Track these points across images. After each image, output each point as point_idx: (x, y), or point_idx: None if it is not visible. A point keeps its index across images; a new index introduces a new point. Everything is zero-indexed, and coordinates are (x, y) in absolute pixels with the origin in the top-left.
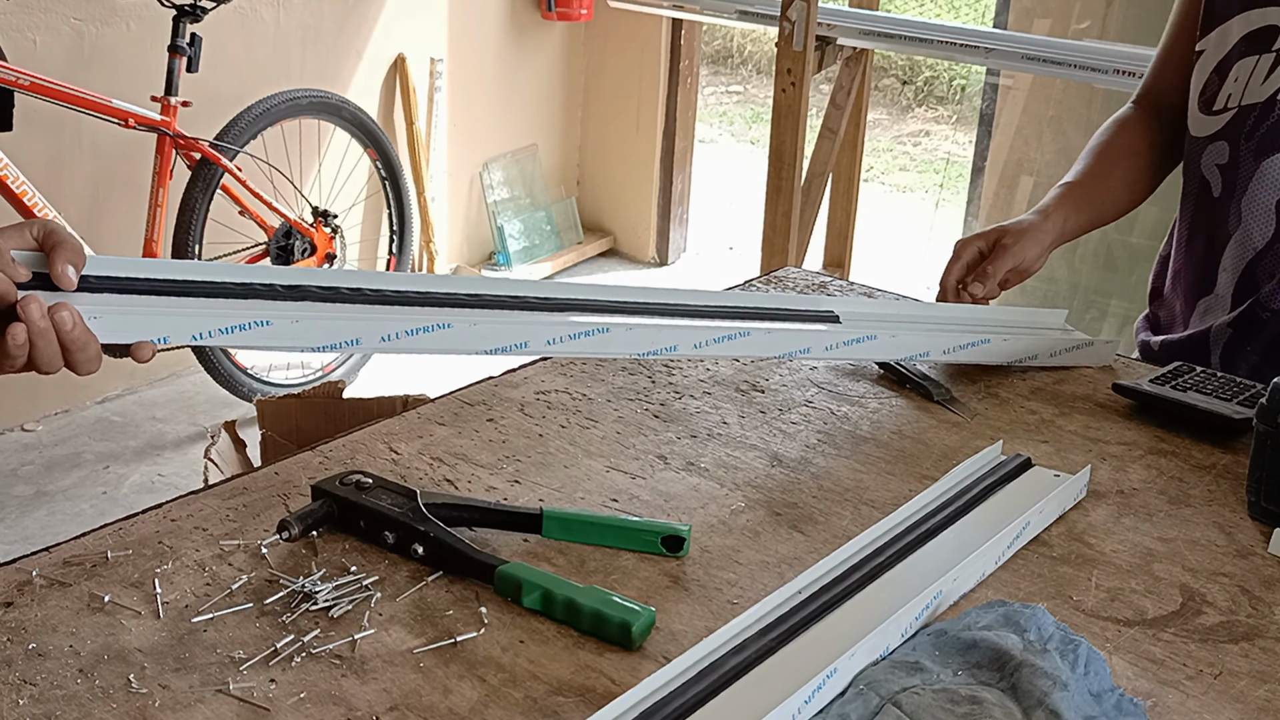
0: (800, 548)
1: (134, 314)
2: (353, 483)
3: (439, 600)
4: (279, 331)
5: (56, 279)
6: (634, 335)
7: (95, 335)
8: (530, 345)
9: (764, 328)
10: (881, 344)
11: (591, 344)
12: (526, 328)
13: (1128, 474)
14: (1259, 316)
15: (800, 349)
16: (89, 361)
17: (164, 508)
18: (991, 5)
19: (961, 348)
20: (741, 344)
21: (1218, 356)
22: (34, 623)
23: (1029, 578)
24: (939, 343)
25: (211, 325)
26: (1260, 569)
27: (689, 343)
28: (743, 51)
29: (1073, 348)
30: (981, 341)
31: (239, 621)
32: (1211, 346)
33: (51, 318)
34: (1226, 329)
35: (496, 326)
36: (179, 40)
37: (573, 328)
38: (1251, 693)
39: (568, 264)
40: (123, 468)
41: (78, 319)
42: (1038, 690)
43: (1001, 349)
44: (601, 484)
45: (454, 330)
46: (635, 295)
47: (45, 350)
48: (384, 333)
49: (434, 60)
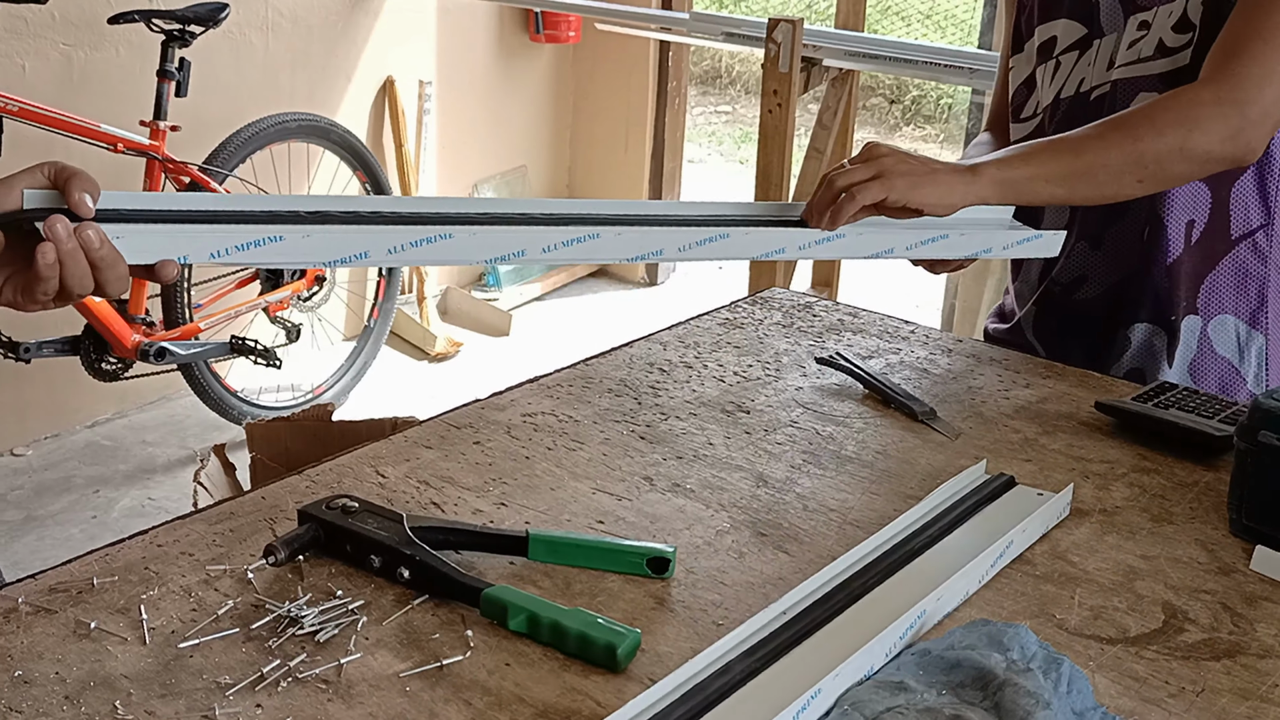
0: (785, 568)
1: (155, 234)
2: (339, 507)
3: (425, 624)
4: (291, 247)
5: (73, 206)
6: (623, 240)
7: (122, 255)
8: (527, 253)
9: (742, 230)
10: (849, 242)
11: (583, 250)
12: (524, 236)
13: (1110, 492)
14: (1052, 293)
15: (776, 249)
16: (118, 280)
17: (150, 533)
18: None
19: (923, 243)
20: (722, 245)
21: (1032, 334)
22: (20, 650)
23: (1012, 596)
24: (902, 239)
25: (229, 242)
26: (1242, 586)
27: (674, 245)
28: (731, 71)
29: (1024, 240)
30: (940, 237)
31: (225, 647)
32: (1024, 326)
33: (78, 237)
34: (1033, 309)
35: (496, 237)
36: (168, 65)
37: (566, 235)
38: (1234, 710)
39: (557, 284)
40: (113, 492)
41: (104, 237)
42: (1021, 709)
43: (959, 243)
44: (588, 506)
45: (455, 241)
46: (626, 209)
47: (75, 270)
48: (391, 245)
49: (423, 83)
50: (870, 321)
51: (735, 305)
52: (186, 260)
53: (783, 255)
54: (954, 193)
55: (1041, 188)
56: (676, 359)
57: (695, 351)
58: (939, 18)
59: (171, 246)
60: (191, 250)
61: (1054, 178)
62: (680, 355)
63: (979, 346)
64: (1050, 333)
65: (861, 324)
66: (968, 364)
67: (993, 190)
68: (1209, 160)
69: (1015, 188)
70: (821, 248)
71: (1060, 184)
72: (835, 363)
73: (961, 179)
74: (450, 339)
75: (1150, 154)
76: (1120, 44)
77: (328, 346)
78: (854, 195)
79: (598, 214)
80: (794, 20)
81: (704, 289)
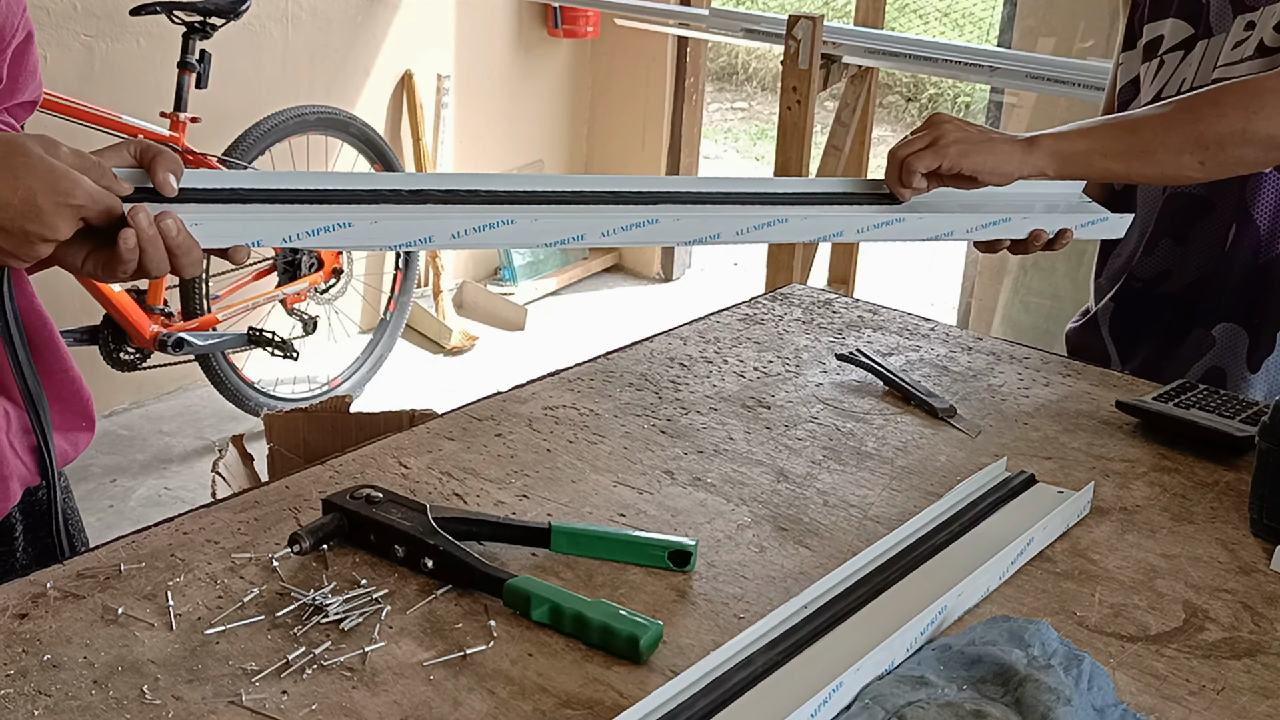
0: (806, 563)
1: (230, 220)
2: (363, 497)
3: (448, 613)
4: (359, 232)
5: (159, 186)
6: (681, 225)
7: (197, 241)
8: (586, 237)
9: (800, 214)
10: (909, 225)
11: (642, 234)
12: (582, 221)
13: (1131, 491)
14: (1133, 287)
15: (834, 232)
16: (192, 265)
17: (176, 521)
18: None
19: (984, 226)
20: (780, 230)
21: (1107, 330)
22: (49, 634)
23: (1033, 593)
24: (962, 223)
25: (299, 228)
26: (1263, 585)
27: (731, 230)
28: (748, 68)
29: (1089, 223)
30: (1002, 220)
31: (251, 634)
32: (1100, 322)
33: (158, 225)
34: (1110, 304)
35: (556, 221)
36: (189, 56)
37: (625, 219)
38: (1254, 708)
39: (572, 279)
40: (129, 481)
41: (181, 226)
42: (1042, 705)
43: (1021, 225)
44: (609, 499)
45: (517, 226)
46: (681, 185)
47: (154, 255)
48: (454, 230)
49: (441, 77)
50: (890, 318)
51: (755, 301)
52: (260, 244)
53: (841, 238)
54: (1009, 161)
55: (1098, 163)
56: (697, 354)
57: (715, 347)
58: (957, 15)
59: (245, 232)
60: (264, 235)
61: (1111, 153)
62: (701, 350)
63: (998, 344)
64: (1125, 328)
65: (881, 321)
66: (988, 362)
67: (1048, 162)
68: (1272, 145)
69: (1072, 161)
70: (881, 230)
71: (1117, 160)
72: (855, 359)
73: (1018, 149)
74: (466, 333)
75: (1211, 135)
76: (1225, 44)
77: (344, 339)
78: (910, 165)
79: (659, 191)
80: (814, 17)
81: (719, 285)
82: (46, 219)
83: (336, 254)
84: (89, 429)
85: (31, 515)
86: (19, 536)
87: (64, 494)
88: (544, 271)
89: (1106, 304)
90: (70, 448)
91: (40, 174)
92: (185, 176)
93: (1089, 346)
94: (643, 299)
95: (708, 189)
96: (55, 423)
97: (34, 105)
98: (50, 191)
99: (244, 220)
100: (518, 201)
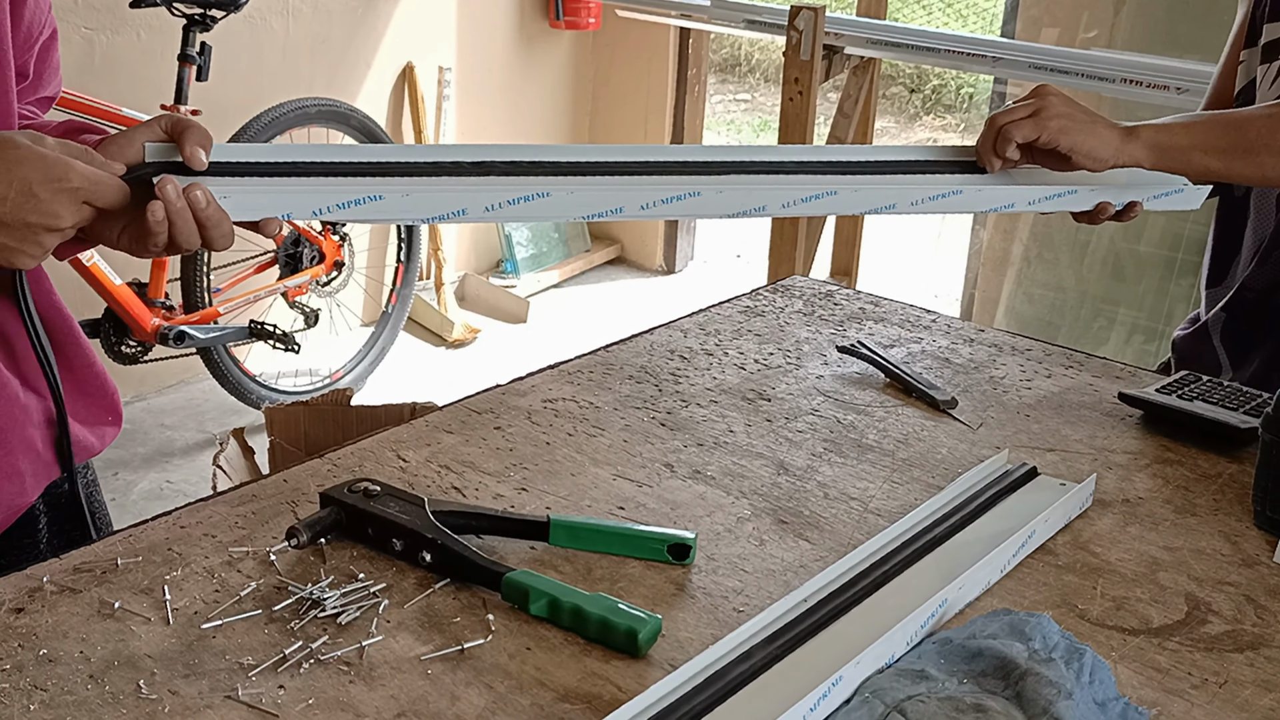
0: (806, 556)
1: (259, 193)
2: (361, 490)
3: (446, 607)
4: (391, 205)
5: (187, 160)
6: (724, 198)
7: (227, 213)
8: (625, 210)
9: (851, 184)
10: (968, 198)
11: (683, 207)
12: (621, 193)
13: (1133, 483)
14: (1245, 298)
15: (886, 205)
16: (223, 238)
17: (173, 514)
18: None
19: (1047, 199)
20: (828, 203)
21: (1219, 339)
22: (45, 629)
23: (1034, 586)
24: (1024, 195)
25: (330, 201)
26: (1266, 578)
27: (777, 202)
28: (750, 60)
29: (1163, 194)
30: (1068, 192)
31: (248, 628)
32: (1210, 331)
33: (186, 197)
34: (1221, 314)
35: (593, 194)
36: (189, 49)
37: (665, 191)
38: (1256, 702)
39: (575, 272)
40: (131, 474)
41: (210, 198)
42: (1043, 699)
43: (1087, 197)
44: (608, 492)
45: (553, 199)
46: (723, 155)
47: (183, 228)
48: (488, 203)
49: (442, 69)
50: (891, 310)
51: (756, 293)
52: (290, 217)
53: (894, 210)
54: (1106, 146)
55: (1198, 159)
56: (697, 346)
57: (716, 339)
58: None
59: (275, 205)
60: (295, 208)
61: (1212, 150)
62: (701, 343)
63: (1000, 336)
64: (1237, 337)
65: (883, 313)
66: (989, 354)
67: (1146, 154)
68: None
69: (1170, 155)
70: (937, 203)
71: (1218, 157)
72: (856, 351)
73: (1117, 136)
74: (468, 325)
75: None
76: None
77: (346, 332)
78: (1008, 133)
79: (700, 161)
80: (816, 7)
81: (721, 277)
82: (45, 207)
83: (338, 246)
84: (115, 423)
85: (56, 507)
86: (42, 528)
87: (90, 487)
88: (546, 264)
89: (1218, 313)
90: (96, 440)
91: (32, 163)
92: (216, 150)
93: (1200, 354)
94: (645, 291)
95: (752, 157)
96: (81, 416)
97: (52, 100)
98: (45, 179)
99: (274, 193)
100: (554, 173)
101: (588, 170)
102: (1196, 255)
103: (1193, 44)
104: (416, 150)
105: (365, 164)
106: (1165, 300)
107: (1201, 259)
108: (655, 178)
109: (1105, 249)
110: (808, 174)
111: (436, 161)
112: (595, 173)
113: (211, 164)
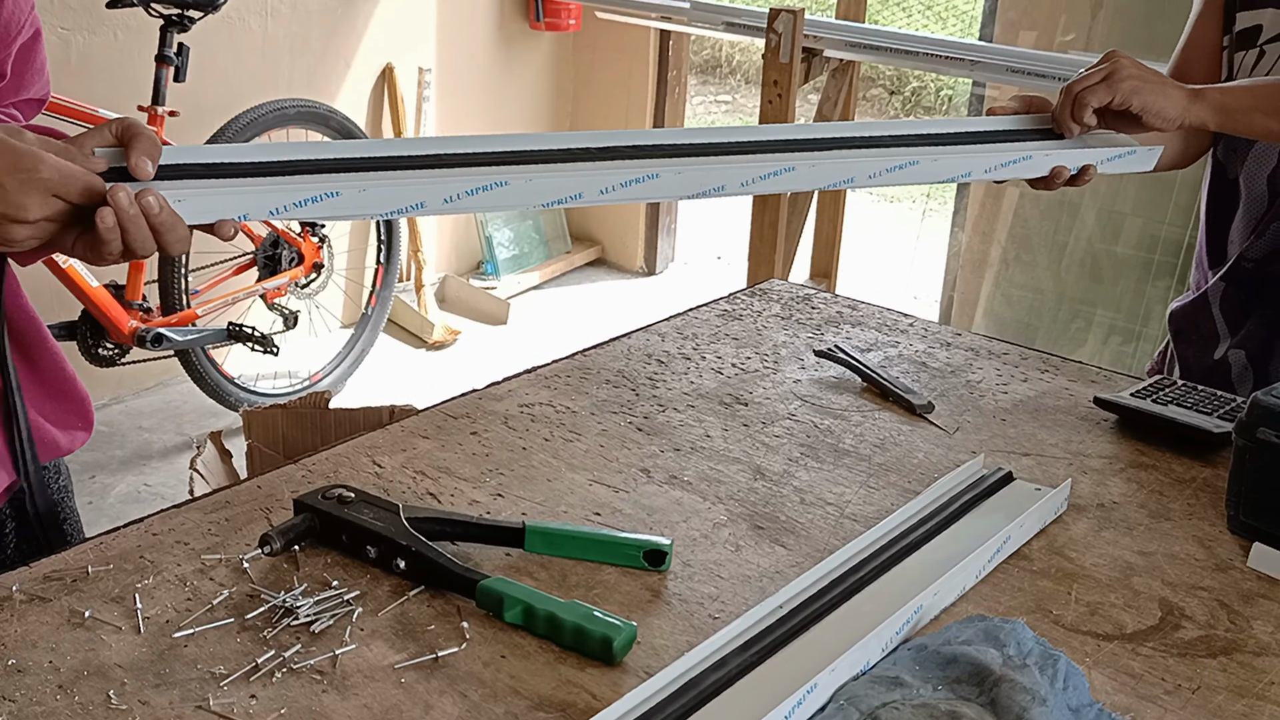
0: (782, 562)
1: (214, 195)
2: (335, 496)
3: (421, 615)
4: (348, 201)
5: (132, 170)
6: (683, 179)
7: (182, 217)
8: (584, 195)
9: (808, 161)
10: (924, 168)
11: (643, 190)
12: (580, 179)
13: (1108, 487)
14: (1243, 268)
15: (843, 179)
16: (179, 242)
17: (145, 521)
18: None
19: (1003, 165)
20: (788, 179)
21: (1218, 309)
22: (13, 638)
23: (1009, 592)
24: (980, 162)
25: (286, 200)
26: (1239, 583)
27: (736, 181)
28: (731, 61)
29: (1115, 157)
30: (1024, 158)
31: (220, 637)
32: (1210, 300)
33: (139, 203)
34: (1220, 284)
35: (551, 180)
36: (166, 50)
37: (624, 175)
38: (1229, 707)
39: (556, 273)
40: (109, 478)
41: (163, 203)
42: (1017, 705)
43: (1042, 163)
44: (584, 498)
45: (511, 187)
46: (680, 137)
47: (137, 235)
48: (446, 194)
49: (422, 70)
50: (869, 314)
51: (734, 297)
52: (246, 218)
53: (851, 184)
54: (1175, 106)
55: (1258, 120)
56: (675, 350)
57: (694, 343)
58: (940, 8)
59: (231, 206)
60: (250, 208)
61: (1273, 111)
62: (678, 347)
63: (977, 340)
64: (1236, 305)
65: (860, 316)
66: (966, 358)
67: (1211, 115)
68: None
69: (1233, 116)
70: (893, 175)
71: (1278, 119)
72: (834, 355)
73: (1185, 96)
74: (448, 327)
75: None
76: None
77: (325, 334)
78: (1084, 99)
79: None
80: (795, 10)
81: (702, 279)
82: (12, 198)
83: (317, 248)
84: (85, 428)
85: (22, 513)
86: (9, 534)
87: (61, 493)
88: (527, 265)
89: (1217, 283)
90: (66, 441)
91: (1, 154)
92: (168, 152)
93: (1197, 324)
94: (626, 292)
95: (711, 139)
96: (52, 419)
97: (41, 104)
98: (13, 170)
99: (229, 194)
100: (511, 162)
101: (545, 158)
102: (1173, 257)
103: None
104: (374, 145)
105: (322, 161)
106: (1142, 301)
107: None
108: (613, 162)
109: (1083, 251)
110: (766, 153)
111: (394, 155)
112: (553, 160)
113: (165, 167)
